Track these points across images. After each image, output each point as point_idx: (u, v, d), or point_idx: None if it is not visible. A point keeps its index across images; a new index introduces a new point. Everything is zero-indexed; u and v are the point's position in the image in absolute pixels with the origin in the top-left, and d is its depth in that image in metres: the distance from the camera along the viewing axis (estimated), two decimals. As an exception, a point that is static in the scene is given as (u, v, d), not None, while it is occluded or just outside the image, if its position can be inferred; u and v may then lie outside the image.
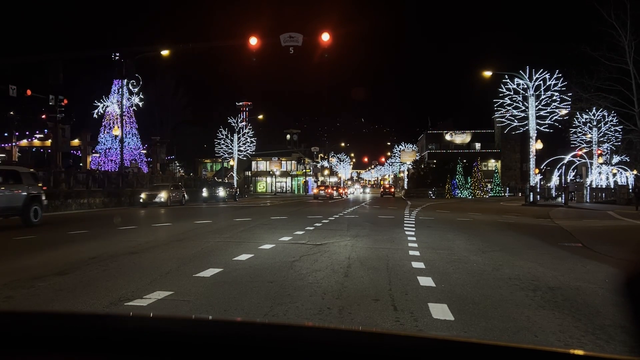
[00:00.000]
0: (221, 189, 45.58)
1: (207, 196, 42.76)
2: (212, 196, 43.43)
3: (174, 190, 34.37)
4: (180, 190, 35.48)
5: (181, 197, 34.98)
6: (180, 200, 34.46)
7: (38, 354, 1.28)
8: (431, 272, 7.62)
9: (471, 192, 66.71)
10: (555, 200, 42.47)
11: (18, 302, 5.93)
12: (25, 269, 8.14)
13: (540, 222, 19.75)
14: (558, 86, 39.23)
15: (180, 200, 34.58)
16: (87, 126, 58.10)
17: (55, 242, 12.82)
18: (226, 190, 46.89)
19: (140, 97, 55.38)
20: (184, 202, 35.25)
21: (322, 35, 25.98)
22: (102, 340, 1.29)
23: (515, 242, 12.55)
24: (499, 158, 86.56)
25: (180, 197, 34.65)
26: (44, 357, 1.27)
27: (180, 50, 37.97)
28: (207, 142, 79.28)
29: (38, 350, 1.28)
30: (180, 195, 34.97)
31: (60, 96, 35.73)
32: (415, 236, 12.88)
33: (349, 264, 8.47)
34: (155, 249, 10.75)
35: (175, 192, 34.01)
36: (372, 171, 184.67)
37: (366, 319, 5.13)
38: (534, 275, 7.56)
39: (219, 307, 5.59)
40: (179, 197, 34.38)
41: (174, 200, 33.19)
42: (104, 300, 5.90)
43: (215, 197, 43.63)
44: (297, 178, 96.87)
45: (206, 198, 42.38)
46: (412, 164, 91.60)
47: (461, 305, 5.60)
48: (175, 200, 33.41)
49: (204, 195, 42.81)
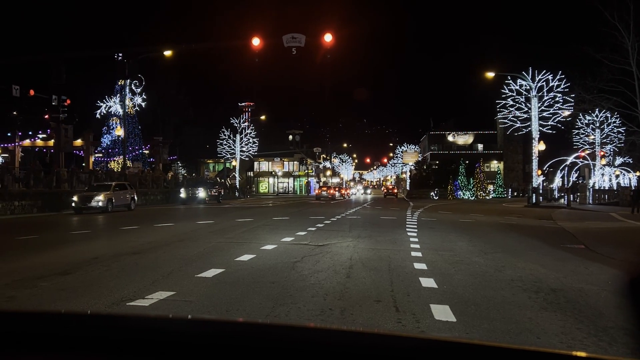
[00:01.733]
0: (201, 190, 40.03)
1: (185, 197, 38.59)
2: (191, 197, 38.72)
3: (119, 191, 27.76)
4: (127, 192, 28.93)
5: (129, 199, 28.51)
6: (127, 203, 28.18)
7: (40, 354, 1.28)
8: (433, 274, 7.61)
9: (473, 193, 66.62)
10: (557, 202, 42.39)
11: (20, 302, 5.94)
12: (27, 269, 8.16)
13: (543, 224, 19.72)
14: (561, 87, 39.18)
15: (128, 203, 28.29)
16: (90, 126, 58.16)
17: (58, 242, 12.84)
18: (208, 190, 41.35)
19: (142, 97, 55.41)
20: (134, 205, 28.91)
21: (324, 36, 25.98)
22: (105, 340, 1.29)
23: (518, 244, 12.53)
24: (502, 159, 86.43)
25: (127, 200, 28.26)
26: (46, 356, 1.27)
27: (182, 51, 38.01)
28: (209, 143, 79.28)
29: (39, 350, 1.28)
30: (128, 198, 28.51)
31: (63, 96, 35.81)
32: (418, 237, 12.87)
33: (351, 265, 8.47)
34: (157, 249, 10.75)
35: (120, 194, 27.64)
36: (375, 172, 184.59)
37: (368, 320, 5.12)
38: (536, 277, 7.55)
39: (221, 308, 5.59)
40: (124, 200, 28.02)
41: (118, 203, 27.09)
42: (106, 300, 5.91)
43: (195, 198, 38.61)
44: (300, 179, 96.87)
45: (184, 199, 38.23)
46: (414, 165, 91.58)
47: (463, 307, 5.60)
48: (120, 203, 27.36)
49: (182, 197, 38.74)
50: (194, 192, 39.39)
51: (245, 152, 69.32)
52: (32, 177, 28.39)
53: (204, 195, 39.12)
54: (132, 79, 50.32)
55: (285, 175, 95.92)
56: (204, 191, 39.80)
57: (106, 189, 27.11)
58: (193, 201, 37.79)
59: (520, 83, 40.21)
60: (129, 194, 28.82)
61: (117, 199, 27.04)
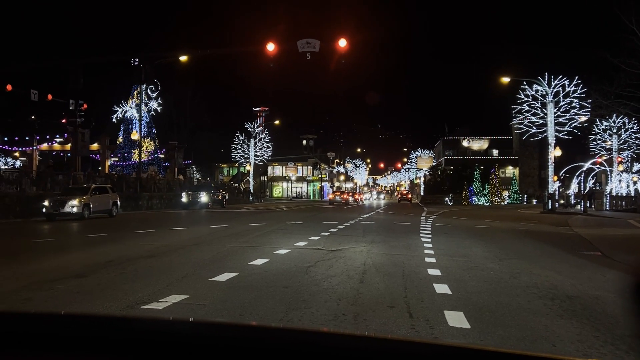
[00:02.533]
0: (203, 194, 38.27)
1: (186, 202, 37.08)
2: (193, 202, 37.21)
3: (98, 195, 25.15)
4: (108, 196, 26.27)
5: (110, 205, 25.90)
6: (107, 209, 25.64)
7: (54, 354, 1.29)
8: (447, 280, 7.56)
9: (488, 199, 66.13)
10: (574, 208, 41.91)
11: (36, 304, 6.01)
12: (44, 271, 8.26)
13: (559, 230, 19.50)
14: (577, 93, 38.81)
15: (109, 209, 25.73)
16: (106, 130, 58.79)
17: (74, 245, 12.97)
18: (211, 194, 39.61)
19: (158, 102, 55.92)
20: (116, 211, 26.43)
21: (339, 41, 26.02)
22: (119, 342, 1.30)
23: (533, 250, 12.41)
24: (517, 165, 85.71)
25: (107, 205, 25.71)
26: (59, 357, 1.29)
27: (198, 56, 38.32)
28: (224, 147, 79.75)
29: (54, 351, 1.30)
30: (109, 203, 25.91)
31: (80, 101, 36.25)
32: (432, 243, 12.80)
33: (365, 270, 8.44)
34: (172, 252, 10.82)
35: (99, 199, 25.10)
36: (388, 177, 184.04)
37: (381, 326, 5.10)
38: (552, 284, 7.46)
39: (234, 312, 5.60)
40: (104, 205, 25.52)
41: (97, 209, 24.64)
42: (121, 303, 5.95)
43: (196, 203, 37.17)
44: (313, 183, 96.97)
45: (185, 204, 36.73)
46: (428, 170, 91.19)
47: (478, 313, 5.55)
48: (99, 209, 24.89)
49: (183, 201, 37.23)
50: (196, 196, 37.89)
51: (259, 157, 69.59)
52: (49, 180, 28.66)
53: (206, 200, 37.71)
54: (148, 84, 50.86)
55: (299, 179, 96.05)
56: (207, 195, 38.32)
57: (83, 192, 24.49)
58: (195, 206, 36.61)
59: (536, 88, 39.90)
60: (110, 198, 26.24)
61: (96, 204, 24.57)
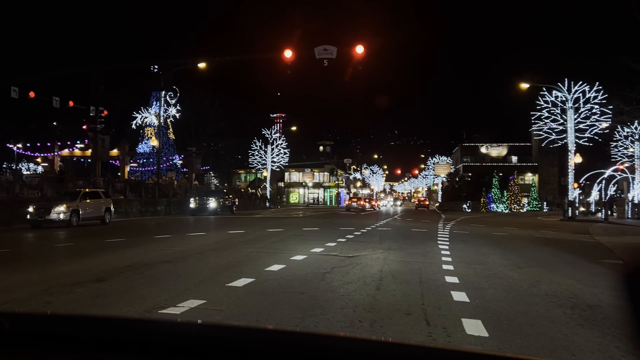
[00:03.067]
0: (212, 200, 37.29)
1: (194, 207, 36.06)
2: (202, 208, 36.19)
3: (88, 201, 23.41)
4: (101, 201, 24.48)
5: (102, 211, 24.16)
6: (99, 216, 23.93)
7: (73, 355, 1.32)
8: (465, 287, 7.49)
9: (507, 206, 65.48)
10: (594, 216, 41.29)
11: (56, 308, 6.09)
12: (64, 275, 8.37)
13: (579, 238, 19.22)
14: (598, 99, 38.28)
15: (101, 216, 24.01)
16: (126, 136, 59.61)
17: (94, 249, 13.12)
18: (219, 200, 38.27)
19: (177, 108, 56.55)
20: (109, 218, 24.71)
21: (356, 48, 26.06)
22: (141, 344, 1.32)
23: (553, 258, 12.24)
24: (536, 172, 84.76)
25: (99, 212, 24.02)
26: (79, 357, 1.31)
27: (216, 63, 38.65)
28: (241, 153, 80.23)
29: (74, 351, 1.32)
30: (101, 209, 24.17)
31: (100, 107, 36.81)
32: (449, 250, 12.70)
33: (381, 277, 8.40)
34: (189, 257, 10.89)
35: (90, 204, 23.37)
36: (405, 184, 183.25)
37: (398, 333, 5.07)
38: (572, 293, 7.35)
39: (251, 317, 5.62)
40: (96, 212, 23.80)
41: (87, 216, 22.95)
42: (139, 307, 6.00)
43: (205, 208, 36.10)
44: (330, 189, 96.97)
45: (194, 210, 35.74)
46: (446, 177, 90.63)
47: (496, 322, 5.49)
48: (90, 216, 23.24)
49: (191, 207, 36.22)
50: (204, 202, 36.91)
51: (276, 163, 69.84)
52: (71, 185, 29.05)
53: (215, 206, 36.58)
54: (167, 91, 51.49)
55: (316, 186, 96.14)
56: (216, 201, 37.19)
57: (72, 197, 22.85)
58: (203, 212, 35.58)
59: (555, 94, 39.47)
60: (103, 203, 24.42)
61: (87, 211, 22.90)
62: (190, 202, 36.67)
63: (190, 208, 35.99)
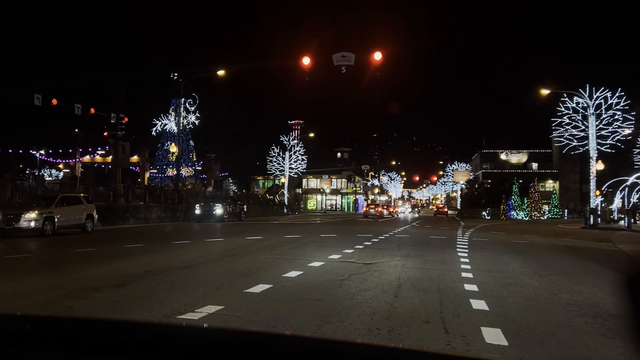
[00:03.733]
0: (218, 206, 35.42)
1: (200, 214, 34.50)
2: (207, 214, 34.54)
3: (66, 206, 20.79)
4: (81, 208, 21.74)
5: (83, 218, 21.59)
6: (79, 223, 21.36)
7: (93, 356, 1.34)
8: (484, 295, 7.41)
9: (527, 214, 64.75)
10: (617, 224, 40.58)
11: (77, 312, 6.16)
12: (84, 280, 8.48)
13: (601, 246, 18.91)
14: (620, 105, 37.77)
15: (81, 223, 21.44)
16: (146, 143, 60.31)
17: (113, 255, 13.27)
18: (227, 206, 36.64)
19: (196, 115, 57.07)
20: (91, 226, 22.01)
21: (374, 54, 26.08)
22: (159, 348, 1.34)
23: (574, 267, 12.05)
24: (557, 179, 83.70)
25: (79, 219, 21.44)
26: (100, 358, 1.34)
27: (235, 71, 38.98)
28: (259, 160, 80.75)
29: (93, 354, 1.35)
30: (81, 216, 21.56)
31: (121, 114, 37.34)
32: (468, 258, 12.58)
33: (399, 285, 8.35)
34: (208, 263, 10.96)
35: (68, 211, 20.78)
36: (424, 190, 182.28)
37: (416, 341, 5.03)
38: (593, 302, 7.23)
39: (268, 323, 5.62)
40: (76, 220, 21.23)
41: (64, 223, 20.40)
42: (158, 312, 6.05)
43: (211, 215, 34.43)
44: (347, 196, 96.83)
45: (199, 216, 34.16)
46: (465, 184, 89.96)
47: (516, 331, 5.42)
48: (67, 223, 20.61)
49: (197, 213, 34.60)
50: (210, 208, 35.22)
51: (294, 169, 70.07)
52: (92, 191, 29.41)
53: (221, 212, 34.85)
54: (186, 98, 52.07)
55: (333, 192, 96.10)
56: (222, 207, 35.38)
57: (48, 202, 20.55)
58: (209, 218, 33.96)
59: (576, 100, 39.03)
60: (84, 210, 21.78)
61: (64, 217, 20.39)
62: (196, 209, 35.18)
63: (195, 214, 34.57)
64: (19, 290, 7.69)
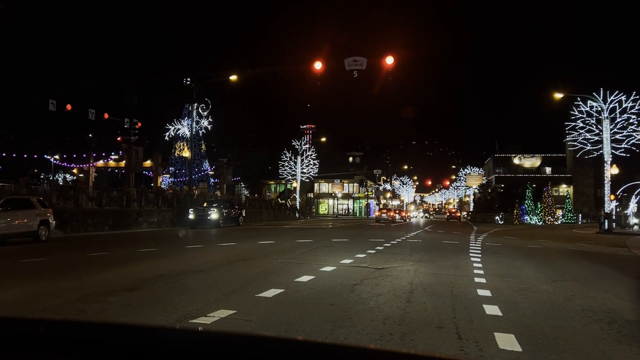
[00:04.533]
0: (214, 210, 32.65)
1: (194, 218, 31.78)
2: (201, 219, 31.93)
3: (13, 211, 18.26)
4: (33, 213, 18.92)
5: (35, 225, 18.72)
6: (29, 231, 18.61)
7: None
8: (498, 301, 7.35)
9: (541, 218, 64.16)
10: (632, 229, 40.08)
11: (90, 316, 6.21)
12: (97, 284, 8.54)
13: (617, 251, 18.68)
14: (635, 109, 37.35)
15: (33, 231, 18.66)
16: (159, 147, 60.68)
17: (126, 259, 13.36)
18: (223, 210, 34.10)
19: (209, 120, 57.32)
20: (46, 234, 19.17)
21: (386, 59, 26.06)
22: (172, 353, 1.34)
23: (589, 272, 11.92)
24: (571, 183, 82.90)
25: (28, 226, 18.58)
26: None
27: (247, 76, 39.14)
28: (271, 164, 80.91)
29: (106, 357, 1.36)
30: (33, 222, 18.71)
31: (134, 119, 37.64)
32: (482, 263, 12.49)
33: (412, 290, 8.31)
34: (220, 268, 10.98)
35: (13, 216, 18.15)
36: (436, 195, 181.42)
37: (429, 347, 5.00)
38: (609, 307, 7.13)
39: (280, 328, 5.62)
40: (24, 226, 18.43)
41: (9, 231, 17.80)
42: (170, 317, 6.07)
43: (205, 220, 31.91)
44: (359, 200, 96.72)
45: (193, 221, 31.54)
46: (478, 188, 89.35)
47: (529, 336, 5.36)
48: (14, 231, 18.04)
49: (190, 218, 31.90)
50: (204, 212, 32.62)
51: (305, 174, 70.14)
52: (105, 196, 29.63)
53: (216, 217, 32.21)
54: (199, 103, 52.30)
55: (345, 197, 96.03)
56: (218, 212, 32.64)
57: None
58: (204, 223, 31.68)
59: (590, 104, 38.67)
60: (37, 215, 18.95)
61: (9, 224, 17.77)
62: (190, 213, 32.40)
63: (189, 219, 32.00)
64: None
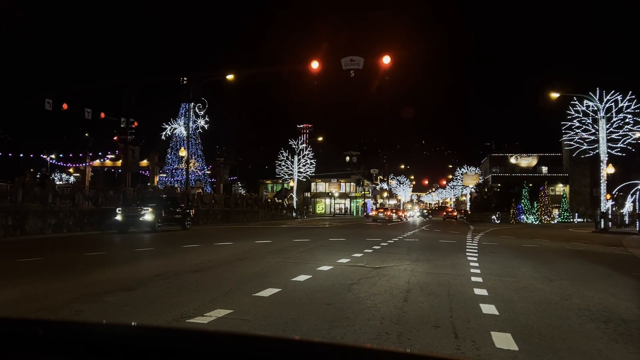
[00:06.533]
0: (148, 210, 25.15)
1: (122, 221, 24.78)
2: (130, 221, 24.98)
3: None
4: None
5: None
6: None
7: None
8: (494, 300, 7.36)
9: (537, 218, 64.34)
10: (628, 228, 40.22)
11: (87, 316, 6.19)
12: (94, 284, 8.51)
13: (613, 251, 18.74)
14: (631, 108, 37.48)
15: None
16: (156, 147, 60.63)
17: (123, 258, 13.34)
18: (162, 210, 26.25)
19: (205, 119, 57.27)
20: None
21: (383, 58, 26.08)
22: (167, 353, 1.34)
23: (585, 271, 11.96)
24: (567, 182, 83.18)
25: None
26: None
27: (244, 75, 39.11)
28: (268, 164, 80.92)
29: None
30: None
31: (131, 119, 37.58)
32: (478, 262, 12.51)
33: (409, 289, 8.32)
34: (217, 267, 10.96)
35: None
36: (433, 194, 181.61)
37: (426, 346, 5.01)
38: (605, 307, 7.15)
39: (277, 327, 5.62)
40: None
41: None
42: (167, 316, 6.06)
43: (136, 222, 25.06)
44: (356, 200, 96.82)
45: (121, 225, 24.73)
46: (474, 188, 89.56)
47: (526, 336, 5.38)
48: None
49: (117, 220, 24.89)
50: (135, 213, 25.17)
51: (302, 173, 70.12)
52: (101, 195, 29.52)
53: (151, 218, 25.03)
54: (196, 102, 52.23)
55: (342, 196, 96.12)
56: (153, 213, 25.16)
57: None
58: (136, 226, 25.16)
59: (586, 104, 38.78)
60: None
61: None
62: (117, 214, 25.17)
63: (116, 221, 25.14)
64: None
